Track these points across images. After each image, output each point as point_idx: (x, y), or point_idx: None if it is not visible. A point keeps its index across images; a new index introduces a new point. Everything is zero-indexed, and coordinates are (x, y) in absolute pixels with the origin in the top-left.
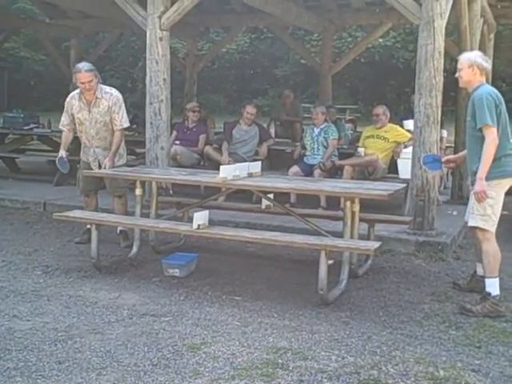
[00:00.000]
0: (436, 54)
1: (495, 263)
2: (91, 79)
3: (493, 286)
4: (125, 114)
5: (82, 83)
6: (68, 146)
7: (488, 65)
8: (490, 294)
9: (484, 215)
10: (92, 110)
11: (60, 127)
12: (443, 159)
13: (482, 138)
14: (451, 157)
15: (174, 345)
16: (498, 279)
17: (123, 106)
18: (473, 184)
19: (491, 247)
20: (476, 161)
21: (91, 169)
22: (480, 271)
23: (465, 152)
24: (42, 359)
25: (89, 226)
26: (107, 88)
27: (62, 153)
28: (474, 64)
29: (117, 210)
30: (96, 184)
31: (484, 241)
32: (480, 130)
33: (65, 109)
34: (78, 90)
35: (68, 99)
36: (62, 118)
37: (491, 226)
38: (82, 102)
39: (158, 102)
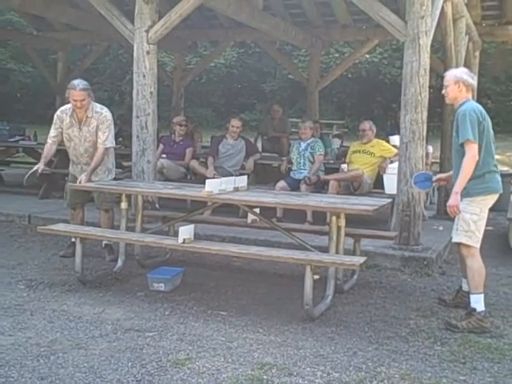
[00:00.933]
0: (421, 70)
1: (480, 279)
2: (84, 98)
3: (478, 302)
4: (111, 135)
5: (75, 101)
6: (49, 158)
7: (474, 81)
8: (475, 309)
9: (468, 231)
10: (82, 128)
11: (48, 140)
12: (434, 178)
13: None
14: (443, 175)
15: (159, 360)
16: (482, 295)
17: (112, 126)
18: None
19: (476, 263)
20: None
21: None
22: (465, 287)
23: None
24: (23, 375)
25: (74, 240)
26: (98, 107)
27: (40, 166)
28: (460, 81)
29: (103, 224)
30: (83, 197)
31: (468, 257)
32: (462, 145)
33: (54, 121)
34: (69, 106)
35: (58, 113)
36: (51, 131)
37: (475, 242)
38: (73, 118)
39: (144, 116)
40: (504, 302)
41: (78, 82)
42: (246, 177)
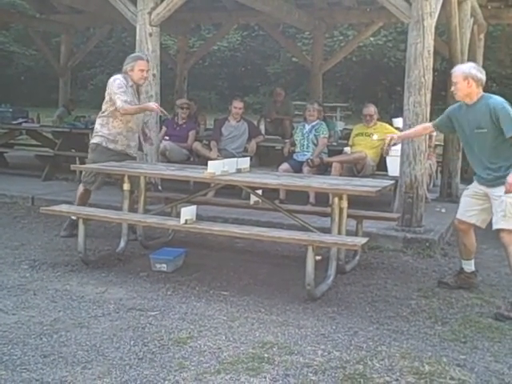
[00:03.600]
0: (425, 52)
1: None
2: (149, 69)
3: None
4: None
5: (142, 70)
6: None
7: (483, 75)
8: None
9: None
10: (140, 96)
11: (124, 106)
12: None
13: (502, 147)
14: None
15: (160, 339)
16: None
17: None
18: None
19: None
20: (493, 170)
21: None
22: (468, 268)
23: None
24: (26, 353)
25: (72, 219)
26: None
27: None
28: (469, 76)
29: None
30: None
31: (511, 244)
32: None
33: (122, 88)
34: (121, 76)
35: (121, 78)
36: (122, 96)
37: None
38: (131, 87)
39: (147, 98)
40: (505, 283)
41: (144, 54)
42: (248, 158)
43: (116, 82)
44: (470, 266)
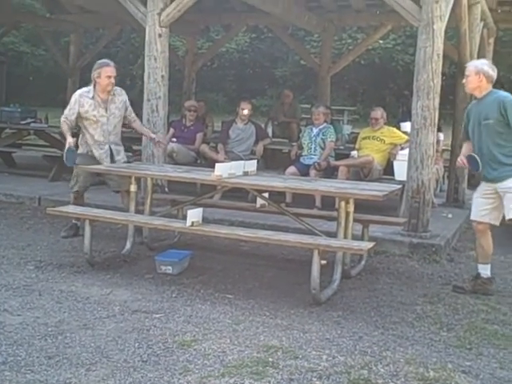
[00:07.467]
0: (435, 56)
1: None
2: (116, 74)
3: None
4: None
5: (109, 77)
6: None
7: (494, 73)
8: None
9: None
10: (109, 106)
11: (62, 119)
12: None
13: (508, 138)
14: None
15: (165, 341)
16: None
17: None
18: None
19: None
20: (496, 166)
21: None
22: (485, 273)
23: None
24: (31, 354)
25: (74, 221)
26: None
27: (70, 141)
28: (481, 72)
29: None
30: (93, 180)
31: None
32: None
33: (71, 104)
34: (87, 89)
35: (77, 97)
36: (67, 112)
37: None
38: (95, 100)
39: (155, 99)
40: (511, 290)
41: (109, 60)
42: (255, 161)
43: (72, 97)
44: (486, 271)
